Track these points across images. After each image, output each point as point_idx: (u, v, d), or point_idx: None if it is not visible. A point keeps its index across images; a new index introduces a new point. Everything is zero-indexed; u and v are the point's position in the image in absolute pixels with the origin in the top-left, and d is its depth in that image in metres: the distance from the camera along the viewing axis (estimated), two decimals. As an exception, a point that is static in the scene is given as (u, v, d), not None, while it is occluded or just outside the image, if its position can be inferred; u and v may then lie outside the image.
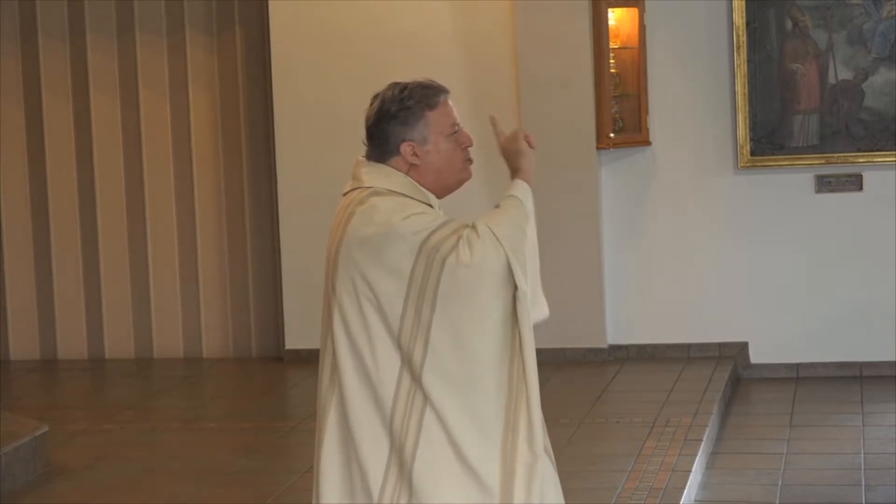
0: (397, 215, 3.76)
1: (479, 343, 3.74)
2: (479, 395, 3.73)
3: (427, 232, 3.75)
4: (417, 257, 3.73)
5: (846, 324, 8.89)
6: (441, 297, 3.72)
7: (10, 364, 10.04)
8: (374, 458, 3.76)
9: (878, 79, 8.76)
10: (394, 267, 3.74)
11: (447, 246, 3.73)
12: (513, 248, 3.77)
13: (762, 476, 6.83)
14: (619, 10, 8.95)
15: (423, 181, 3.87)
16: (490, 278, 3.74)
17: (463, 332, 3.73)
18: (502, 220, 3.82)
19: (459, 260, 3.71)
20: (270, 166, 9.65)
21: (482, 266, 3.73)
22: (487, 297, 3.74)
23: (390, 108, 3.83)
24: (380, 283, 3.75)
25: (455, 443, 3.72)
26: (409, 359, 3.74)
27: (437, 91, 3.88)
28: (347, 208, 3.85)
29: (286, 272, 9.50)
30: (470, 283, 3.72)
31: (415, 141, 3.84)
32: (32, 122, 10.08)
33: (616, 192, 9.11)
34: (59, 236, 10.09)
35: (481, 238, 3.75)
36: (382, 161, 3.87)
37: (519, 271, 3.75)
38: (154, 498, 6.59)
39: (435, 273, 3.72)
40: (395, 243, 3.74)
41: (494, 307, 3.75)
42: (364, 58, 9.20)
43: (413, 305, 3.73)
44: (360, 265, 3.76)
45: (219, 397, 8.97)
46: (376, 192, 3.83)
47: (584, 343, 9.06)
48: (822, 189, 8.89)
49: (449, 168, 3.89)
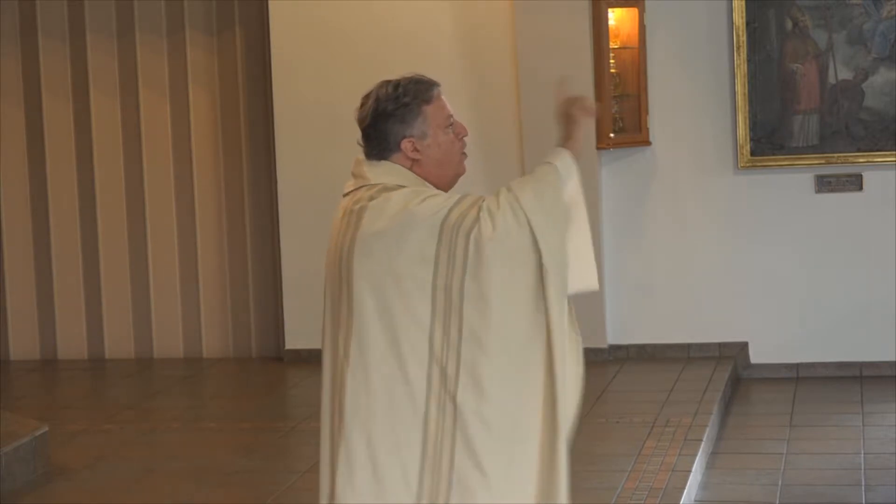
0: (413, 200, 3.73)
1: (510, 318, 3.68)
2: (516, 367, 3.69)
3: (445, 210, 3.71)
4: (440, 239, 3.69)
5: (846, 324, 8.89)
6: (469, 275, 3.67)
7: (10, 364, 10.04)
8: (409, 457, 3.73)
9: (878, 79, 8.76)
10: (417, 253, 3.70)
11: (469, 220, 3.69)
12: (536, 218, 3.71)
13: (762, 476, 6.83)
14: (619, 10, 8.95)
15: (426, 176, 3.86)
16: (515, 249, 3.68)
17: (494, 307, 3.67)
18: (526, 188, 3.74)
19: (482, 233, 3.66)
20: (270, 166, 9.65)
21: (505, 237, 3.67)
22: (514, 267, 3.68)
23: (387, 107, 3.82)
24: (405, 271, 3.70)
25: (480, 464, 3.71)
26: (445, 351, 3.69)
27: (430, 85, 3.87)
28: (356, 205, 3.82)
29: (286, 272, 9.50)
30: (496, 256, 3.66)
31: (414, 137, 3.83)
32: (32, 122, 10.08)
33: (616, 192, 9.11)
34: (59, 236, 10.09)
35: (501, 208, 3.69)
36: (383, 159, 3.87)
37: (543, 243, 3.69)
38: (154, 498, 6.59)
39: (461, 249, 3.68)
40: (415, 229, 3.71)
41: (522, 278, 3.69)
42: (364, 58, 9.20)
43: (442, 289, 3.68)
44: (382, 258, 3.72)
45: (219, 397, 8.97)
46: (386, 188, 3.81)
47: (584, 343, 8.91)
48: (822, 189, 8.89)
49: (448, 161, 3.87)
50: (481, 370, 3.68)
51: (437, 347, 3.70)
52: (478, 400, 3.68)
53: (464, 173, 3.96)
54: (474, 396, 3.68)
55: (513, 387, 3.71)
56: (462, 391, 3.68)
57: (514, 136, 9.12)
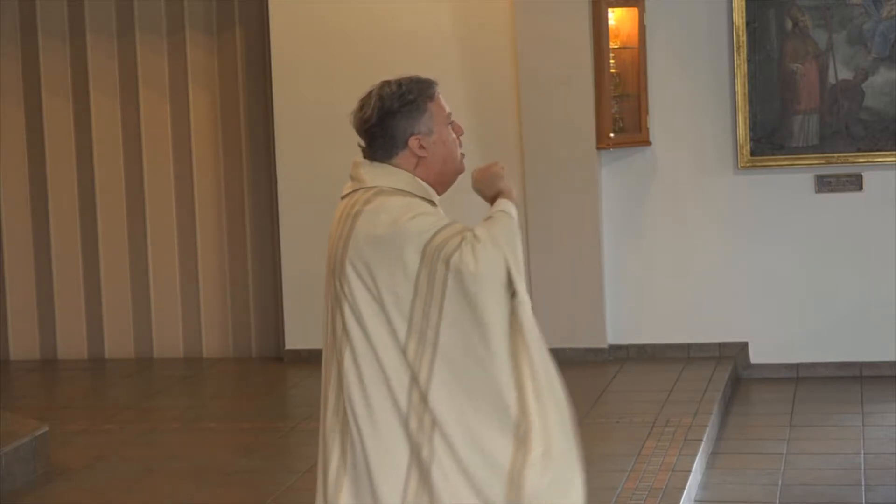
0: (405, 215, 3.77)
1: (484, 350, 3.75)
2: (487, 399, 3.74)
3: (431, 232, 3.76)
4: (423, 258, 3.74)
5: (846, 324, 8.89)
6: (448, 298, 3.73)
7: (10, 364, 10.04)
8: (391, 467, 3.77)
9: (878, 79, 8.76)
10: (402, 266, 3.75)
11: (451, 246, 3.75)
12: (512, 255, 3.78)
13: (762, 476, 6.83)
14: (619, 10, 8.95)
15: (429, 174, 3.88)
16: (494, 284, 3.75)
17: (470, 335, 3.74)
18: (499, 228, 3.81)
19: (463, 262, 3.72)
20: (270, 166, 9.65)
21: (486, 272, 3.74)
22: (492, 302, 3.75)
23: (393, 105, 3.84)
24: (388, 282, 3.76)
25: (464, 468, 3.74)
26: (418, 365, 3.75)
27: (431, 83, 3.92)
28: (352, 208, 3.84)
29: (286, 272, 9.50)
30: (475, 288, 3.73)
31: (421, 133, 3.86)
32: (32, 122, 10.08)
33: (616, 192, 9.11)
34: (59, 236, 10.09)
35: (482, 242, 3.75)
36: (388, 159, 3.88)
37: (517, 278, 3.77)
38: (154, 498, 6.59)
39: (440, 273, 3.74)
40: (403, 243, 3.75)
41: (499, 311, 3.76)
42: (364, 58, 9.20)
43: (420, 308, 3.75)
44: (370, 263, 3.77)
45: (219, 397, 8.97)
46: (382, 192, 3.84)
47: (584, 343, 9.07)
48: (822, 189, 8.89)
49: (452, 158, 3.92)
50: (453, 388, 3.74)
51: (409, 360, 3.76)
52: (446, 423, 3.74)
53: (463, 171, 3.98)
54: (446, 409, 3.74)
55: (468, 402, 3.75)
56: (433, 398, 3.74)
57: (514, 136, 9.12)
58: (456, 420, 3.73)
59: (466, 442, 3.73)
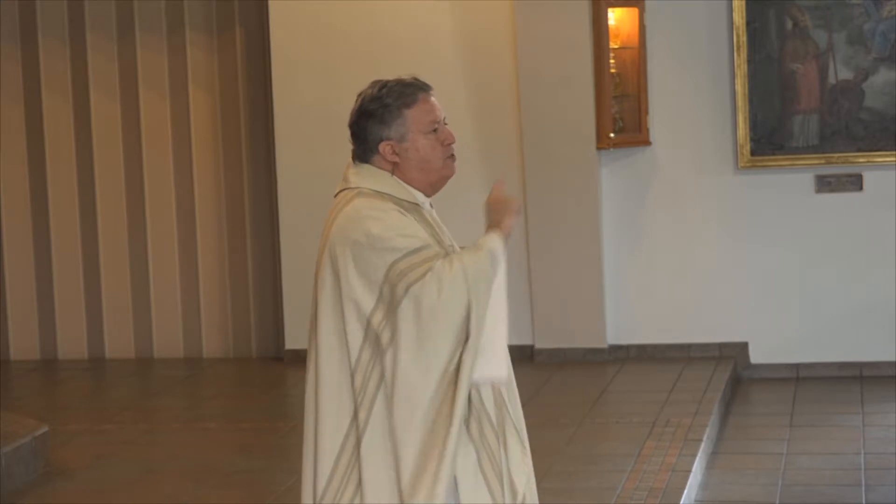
0: (378, 227, 3.76)
1: (420, 379, 3.74)
2: (412, 425, 3.76)
3: (402, 252, 3.75)
4: (387, 275, 3.74)
5: (846, 324, 8.89)
6: (399, 324, 3.73)
7: (10, 364, 10.04)
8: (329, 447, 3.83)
9: (878, 79, 8.76)
10: (367, 277, 3.76)
11: (415, 274, 3.73)
12: (477, 298, 3.74)
13: (762, 476, 6.83)
14: (619, 10, 8.95)
15: (408, 179, 3.87)
16: (447, 322, 3.73)
17: (407, 366, 3.73)
18: (475, 263, 3.76)
19: (424, 292, 3.71)
20: (270, 166, 9.65)
21: (443, 308, 3.72)
22: (440, 338, 3.73)
23: (369, 106, 3.85)
24: (352, 285, 3.78)
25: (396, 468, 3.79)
26: (364, 386, 3.78)
27: (417, 88, 3.87)
28: (335, 209, 3.88)
29: (286, 272, 9.50)
30: (427, 320, 3.72)
31: (392, 139, 3.84)
32: (32, 122, 10.08)
33: (616, 192, 9.11)
34: (59, 236, 10.09)
35: (453, 275, 3.73)
36: (365, 161, 3.89)
37: (475, 321, 3.73)
38: (154, 498, 6.59)
39: (398, 298, 3.73)
40: (372, 255, 3.76)
41: (444, 348, 3.74)
42: (364, 58, 9.20)
43: (375, 326, 3.76)
44: (339, 264, 3.79)
45: (219, 397, 8.97)
46: (361, 194, 3.85)
47: (584, 343, 9.07)
48: (822, 189, 8.89)
49: (429, 166, 3.87)
50: (385, 424, 3.78)
51: (357, 384, 3.80)
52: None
53: (452, 175, 3.94)
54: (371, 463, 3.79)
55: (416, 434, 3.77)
56: (368, 435, 3.78)
57: (514, 136, 9.12)
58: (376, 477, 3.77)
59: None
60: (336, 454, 3.80)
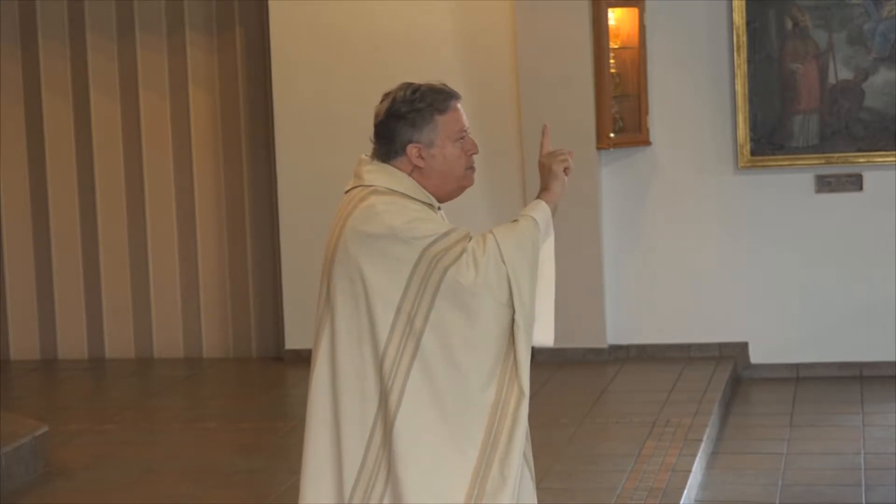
0: (399, 218, 3.75)
1: (468, 362, 3.74)
2: (462, 411, 3.73)
3: (431, 238, 3.74)
4: (417, 263, 3.72)
5: (846, 324, 8.89)
6: (437, 308, 3.72)
7: (10, 364, 10.04)
8: (352, 458, 3.79)
9: (878, 79, 8.76)
10: (391, 268, 3.74)
11: (450, 256, 3.73)
12: (515, 273, 3.75)
13: (762, 476, 6.83)
14: (619, 10, 8.95)
15: (426, 184, 3.86)
16: (489, 301, 3.73)
17: (455, 348, 3.73)
18: (511, 240, 3.78)
19: (460, 274, 3.71)
20: (270, 166, 9.65)
21: (483, 287, 3.72)
22: (484, 318, 3.73)
23: (400, 109, 3.83)
24: (374, 280, 3.75)
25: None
26: (395, 368, 3.74)
27: (449, 96, 3.87)
28: (348, 206, 3.85)
29: (286, 272, 9.50)
30: (469, 302, 3.72)
31: (421, 143, 3.83)
32: (32, 122, 10.08)
33: (616, 192, 9.11)
34: (59, 236, 10.09)
35: (486, 255, 3.73)
36: (387, 160, 3.87)
37: (517, 298, 3.75)
38: (154, 498, 6.59)
39: (434, 282, 3.72)
40: (396, 246, 3.74)
41: (489, 329, 3.75)
42: (364, 58, 9.20)
43: (406, 313, 3.73)
44: (358, 260, 3.76)
45: (219, 397, 8.97)
46: (377, 192, 3.83)
47: (584, 343, 9.07)
48: (822, 189, 8.89)
49: (451, 174, 3.87)
50: (424, 397, 3.74)
51: (386, 369, 3.75)
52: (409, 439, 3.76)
53: (470, 186, 3.95)
54: (412, 423, 3.75)
55: (438, 420, 3.75)
56: (401, 417, 3.74)
57: (515, 136, 9.12)
58: (414, 458, 3.73)
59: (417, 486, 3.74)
60: (363, 452, 3.77)
